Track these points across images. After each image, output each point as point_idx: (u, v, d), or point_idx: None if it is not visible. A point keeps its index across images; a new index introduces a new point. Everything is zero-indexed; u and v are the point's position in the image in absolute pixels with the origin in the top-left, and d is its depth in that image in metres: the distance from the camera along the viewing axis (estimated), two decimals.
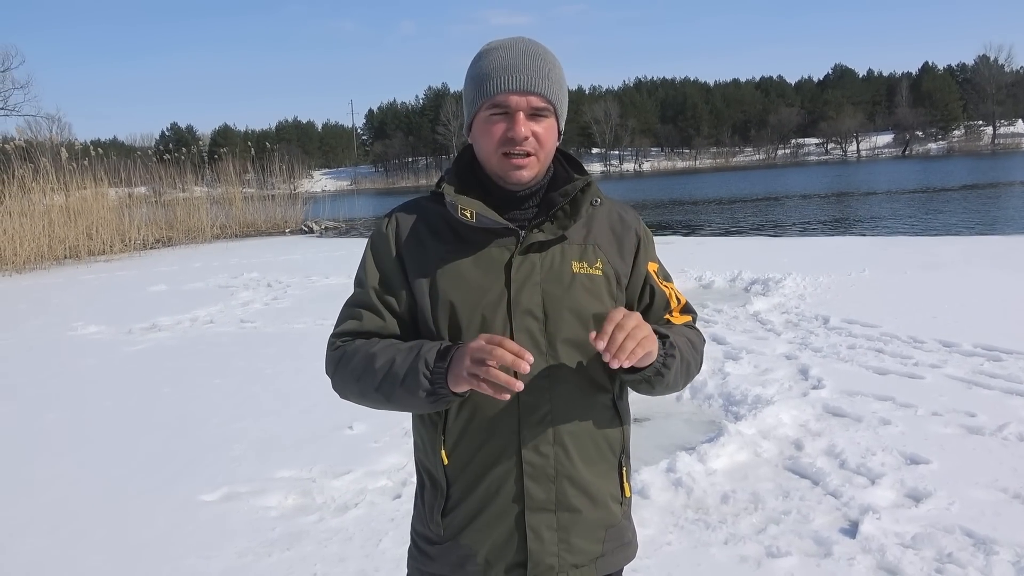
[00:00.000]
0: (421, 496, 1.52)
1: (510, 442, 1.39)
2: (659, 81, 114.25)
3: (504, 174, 1.42)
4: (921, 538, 3.08)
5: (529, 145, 1.39)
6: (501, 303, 1.40)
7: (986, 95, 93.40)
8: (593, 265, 1.46)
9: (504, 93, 1.38)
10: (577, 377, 1.42)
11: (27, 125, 35.48)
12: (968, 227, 16.95)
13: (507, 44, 1.43)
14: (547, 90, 1.40)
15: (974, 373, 5.24)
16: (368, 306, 1.48)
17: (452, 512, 1.44)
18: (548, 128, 1.42)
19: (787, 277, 9.23)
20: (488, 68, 1.40)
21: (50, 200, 18.77)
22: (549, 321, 1.40)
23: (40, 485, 4.26)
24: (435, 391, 1.32)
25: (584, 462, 1.44)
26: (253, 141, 31.07)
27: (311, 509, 3.73)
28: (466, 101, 1.46)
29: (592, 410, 1.45)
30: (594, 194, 1.48)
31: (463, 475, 1.42)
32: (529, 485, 1.40)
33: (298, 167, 31.13)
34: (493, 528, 1.42)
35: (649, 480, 3.71)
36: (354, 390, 1.45)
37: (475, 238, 1.43)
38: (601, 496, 1.47)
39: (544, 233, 1.43)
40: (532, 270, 1.41)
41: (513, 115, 1.39)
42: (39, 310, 10.70)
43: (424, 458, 1.50)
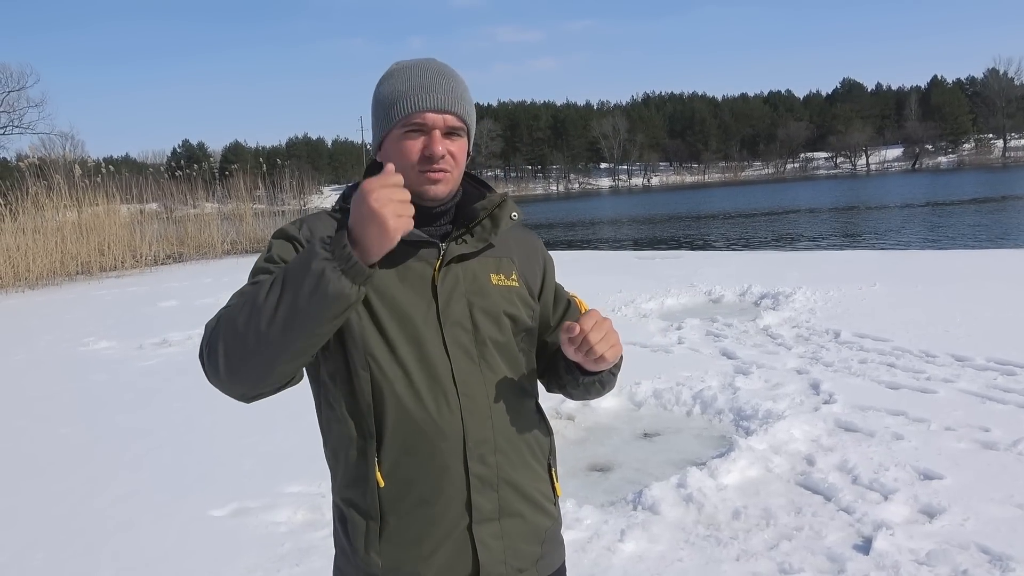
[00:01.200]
0: (345, 534, 1.42)
1: (455, 457, 1.37)
2: (667, 96, 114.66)
3: (421, 189, 1.41)
4: (936, 555, 3.04)
5: (445, 163, 1.40)
6: (430, 315, 1.39)
7: (996, 108, 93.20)
8: (509, 277, 1.49)
9: (421, 111, 1.39)
10: (510, 384, 1.45)
11: (41, 143, 35.99)
12: (979, 241, 16.85)
13: (420, 64, 1.45)
14: (461, 110, 1.42)
15: (987, 387, 5.19)
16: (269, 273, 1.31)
17: (391, 540, 1.37)
18: (461, 147, 1.44)
19: (797, 291, 9.20)
20: (403, 86, 1.41)
21: (63, 217, 18.95)
22: (478, 331, 1.42)
23: (51, 500, 4.27)
24: (340, 261, 1.17)
25: (522, 466, 1.45)
26: (264, 157, 31.31)
27: (321, 524, 3.72)
28: (376, 119, 1.46)
29: (524, 415, 1.47)
30: (512, 208, 1.51)
31: (406, 496, 1.36)
32: (476, 497, 1.39)
33: (308, 183, 31.36)
34: (441, 547, 1.38)
35: (660, 496, 3.68)
36: (238, 348, 1.21)
37: (395, 254, 1.36)
38: (538, 499, 1.49)
39: (467, 245, 1.45)
40: (456, 282, 1.43)
41: (430, 133, 1.40)
42: (51, 326, 10.77)
43: (350, 491, 1.40)
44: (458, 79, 1.45)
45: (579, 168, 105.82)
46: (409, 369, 1.37)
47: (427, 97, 1.39)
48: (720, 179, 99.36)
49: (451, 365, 1.38)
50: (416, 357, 1.37)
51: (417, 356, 1.37)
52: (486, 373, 1.42)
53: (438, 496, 1.37)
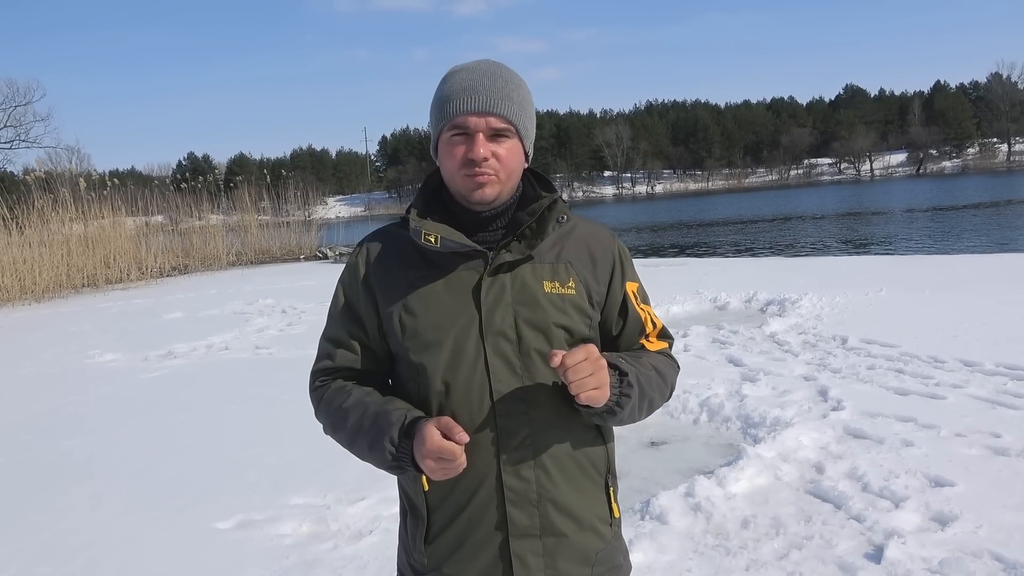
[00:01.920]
0: (404, 524, 1.51)
1: (490, 468, 1.37)
2: (670, 104, 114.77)
3: (467, 194, 1.40)
4: (949, 563, 3.00)
5: (489, 166, 1.38)
6: (472, 326, 1.37)
7: (1000, 112, 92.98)
8: (565, 284, 1.43)
9: (463, 115, 1.37)
10: (555, 398, 1.39)
11: (47, 156, 36.16)
12: (985, 245, 16.78)
13: (470, 66, 1.43)
14: (507, 111, 1.39)
15: (997, 393, 5.14)
16: (341, 341, 1.50)
17: (435, 541, 1.42)
18: (510, 149, 1.40)
19: (803, 297, 9.15)
20: (450, 90, 1.40)
21: (69, 230, 19.01)
22: (522, 342, 1.38)
23: (56, 513, 4.26)
24: (401, 467, 1.36)
25: (568, 484, 1.41)
26: (268, 169, 31.35)
27: (326, 536, 3.69)
28: (431, 123, 1.46)
29: (572, 430, 1.42)
30: (560, 211, 1.45)
31: (445, 503, 1.40)
32: (511, 511, 1.37)
33: (312, 194, 31.40)
34: (477, 556, 1.38)
35: (667, 505, 3.65)
36: (332, 436, 1.51)
37: (444, 262, 1.41)
38: (587, 518, 1.43)
39: (512, 253, 1.41)
40: (503, 291, 1.39)
41: (473, 136, 1.38)
42: (57, 338, 10.79)
43: (406, 484, 1.49)
44: (508, 79, 1.41)
45: (583, 176, 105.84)
46: (448, 380, 1.37)
47: (469, 100, 1.37)
48: (724, 186, 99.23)
49: (489, 377, 1.36)
50: (456, 368, 1.37)
51: (457, 367, 1.37)
52: (528, 386, 1.38)
53: (473, 507, 1.38)
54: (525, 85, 1.45)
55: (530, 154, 1.47)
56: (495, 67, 1.43)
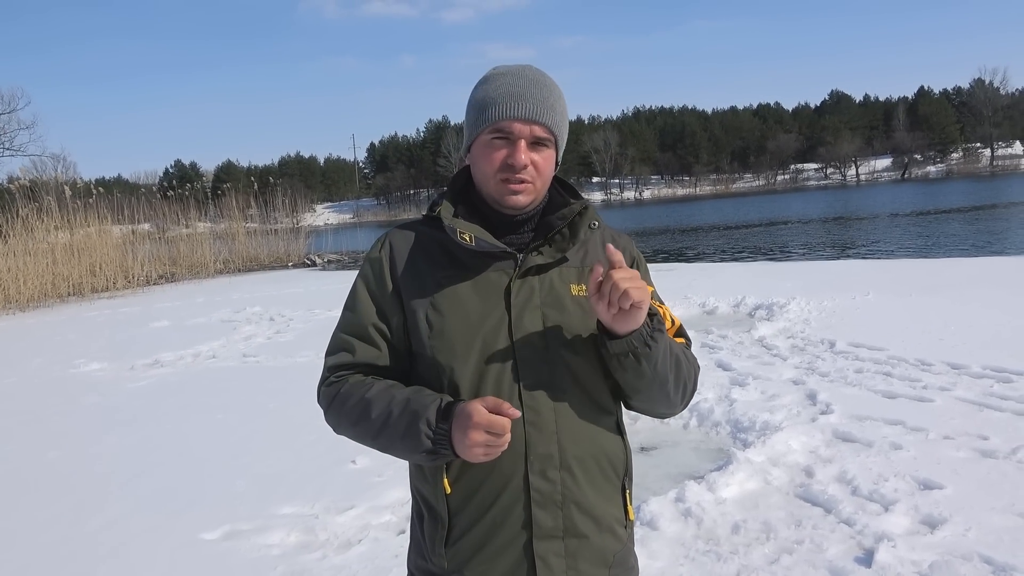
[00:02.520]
0: (420, 528, 1.48)
1: (516, 469, 1.37)
2: (657, 110, 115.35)
3: (501, 199, 1.42)
4: (939, 566, 3.00)
5: (527, 174, 1.39)
6: (502, 328, 1.38)
7: (983, 117, 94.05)
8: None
9: (508, 120, 1.38)
10: (581, 399, 1.41)
11: (32, 165, 35.89)
12: (970, 249, 16.92)
13: (516, 71, 1.44)
14: (550, 121, 1.41)
15: (984, 395, 5.17)
16: (361, 335, 1.45)
17: (456, 543, 1.40)
18: (547, 158, 1.42)
19: (791, 301, 9.19)
20: (495, 92, 1.40)
21: (54, 238, 18.87)
22: (550, 344, 1.39)
23: (40, 524, 4.20)
24: (437, 451, 1.32)
25: (590, 486, 1.41)
26: (256, 176, 31.23)
27: (314, 546, 3.66)
28: (468, 122, 1.46)
29: (597, 432, 1.43)
30: (592, 217, 1.48)
31: (468, 505, 1.38)
32: (537, 512, 1.37)
33: (301, 201, 31.37)
34: (500, 558, 1.38)
35: (658, 511, 3.64)
36: (350, 433, 1.45)
37: (472, 262, 1.42)
38: (607, 520, 1.44)
39: (543, 256, 1.43)
40: (532, 294, 1.41)
41: (515, 142, 1.39)
42: (42, 348, 10.68)
43: (423, 487, 1.46)
44: (552, 90, 1.43)
45: (571, 182, 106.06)
46: (477, 381, 1.37)
47: (516, 105, 1.38)
48: (711, 191, 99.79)
49: (518, 380, 1.37)
50: (485, 369, 1.37)
51: (486, 368, 1.37)
52: (556, 388, 1.39)
53: (498, 508, 1.37)
54: (564, 97, 1.47)
55: (559, 163, 1.49)
56: (541, 75, 1.44)
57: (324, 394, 1.48)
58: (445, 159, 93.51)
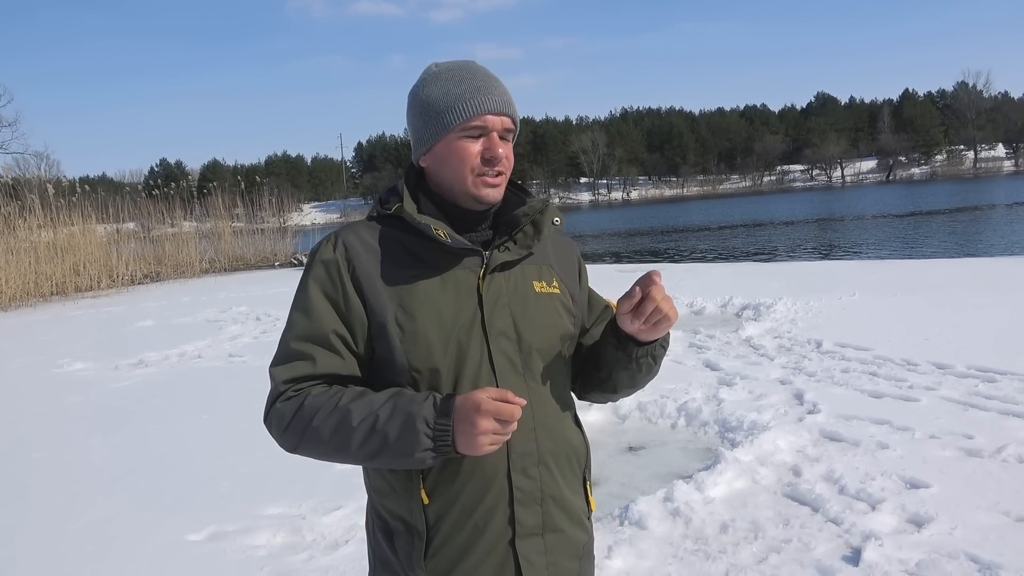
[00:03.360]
0: (390, 547, 1.39)
1: (499, 468, 1.35)
2: (645, 111, 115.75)
3: (479, 194, 1.40)
4: (925, 564, 3.02)
5: (503, 165, 1.40)
6: (475, 326, 1.36)
7: (966, 120, 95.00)
8: (551, 284, 1.47)
9: (481, 114, 1.37)
10: (551, 394, 1.43)
11: (15, 163, 35.52)
12: (954, 250, 17.08)
13: (466, 67, 1.43)
14: (515, 113, 1.43)
15: (969, 395, 5.21)
16: (322, 343, 1.36)
17: (436, 555, 1.35)
18: (511, 150, 1.44)
19: (778, 302, 9.23)
20: (457, 90, 1.39)
21: (37, 237, 18.65)
22: (522, 341, 1.40)
23: (23, 526, 4.14)
24: (438, 449, 1.26)
25: (563, 480, 1.43)
26: (242, 175, 30.99)
27: (301, 547, 3.63)
28: (425, 123, 1.41)
29: (565, 427, 1.45)
30: (554, 214, 1.48)
31: (449, 512, 1.34)
32: (519, 511, 1.36)
33: (287, 201, 31.19)
34: (484, 562, 1.36)
35: (646, 510, 3.64)
36: (319, 448, 1.32)
37: (438, 260, 1.38)
38: (577, 513, 1.46)
39: (510, 252, 1.42)
40: (500, 291, 1.40)
41: (489, 135, 1.38)
42: (24, 347, 10.55)
43: (393, 504, 1.39)
44: (501, 80, 1.44)
45: (559, 183, 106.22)
46: (454, 381, 1.35)
47: (486, 99, 1.38)
48: (698, 192, 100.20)
49: (495, 377, 1.36)
50: (461, 369, 1.35)
51: (462, 368, 1.35)
52: (531, 384, 1.39)
53: (482, 510, 1.35)
54: None
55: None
56: (487, 69, 1.45)
57: (279, 411, 1.34)
58: None
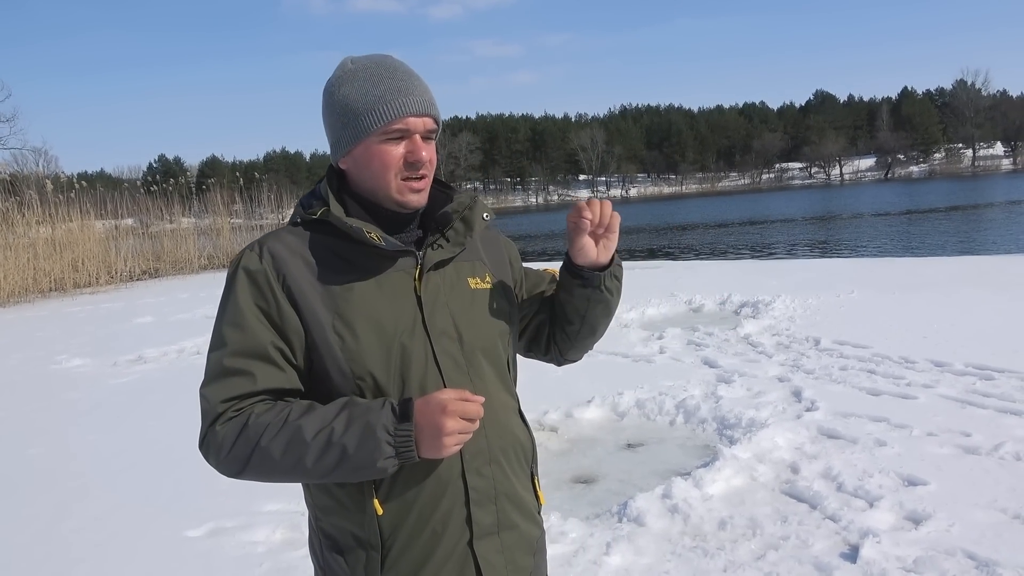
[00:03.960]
0: (342, 564, 1.33)
1: (453, 470, 1.33)
2: (644, 108, 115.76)
3: (403, 198, 1.36)
4: (923, 561, 3.03)
5: (426, 168, 1.37)
6: (416, 328, 1.34)
7: (965, 118, 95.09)
8: (484, 279, 1.47)
9: (402, 116, 1.33)
10: (496, 391, 1.42)
11: (13, 158, 35.43)
12: (952, 248, 17.10)
13: (384, 64, 1.38)
14: (436, 112, 1.40)
15: (967, 392, 5.22)
16: (260, 356, 1.29)
17: (395, 566, 1.31)
18: (434, 150, 1.41)
19: (776, 299, 9.24)
20: (377, 91, 1.33)
21: (35, 233, 18.62)
22: (463, 339, 1.38)
23: (21, 522, 4.14)
24: (400, 456, 1.22)
25: (514, 476, 1.42)
26: (241, 172, 30.96)
27: (299, 543, 3.63)
28: (344, 125, 1.36)
29: (511, 422, 1.44)
30: (484, 208, 1.47)
31: (404, 520, 1.31)
32: (475, 511, 1.35)
33: (286, 197, 31.09)
34: (444, 567, 1.33)
35: (644, 507, 3.64)
36: (270, 469, 1.25)
37: (371, 264, 1.35)
38: (529, 508, 1.46)
39: (444, 251, 1.41)
40: (438, 290, 1.39)
41: (411, 138, 1.35)
42: (23, 343, 10.55)
43: (343, 521, 1.33)
44: (422, 77, 1.40)
45: (558, 180, 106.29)
46: (401, 385, 1.31)
47: (407, 101, 1.34)
48: (697, 190, 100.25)
49: (442, 377, 1.33)
50: (406, 372, 1.32)
51: (407, 371, 1.32)
52: (476, 382, 1.37)
53: (439, 514, 1.32)
54: None
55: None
56: (405, 65, 1.40)
57: (218, 434, 1.27)
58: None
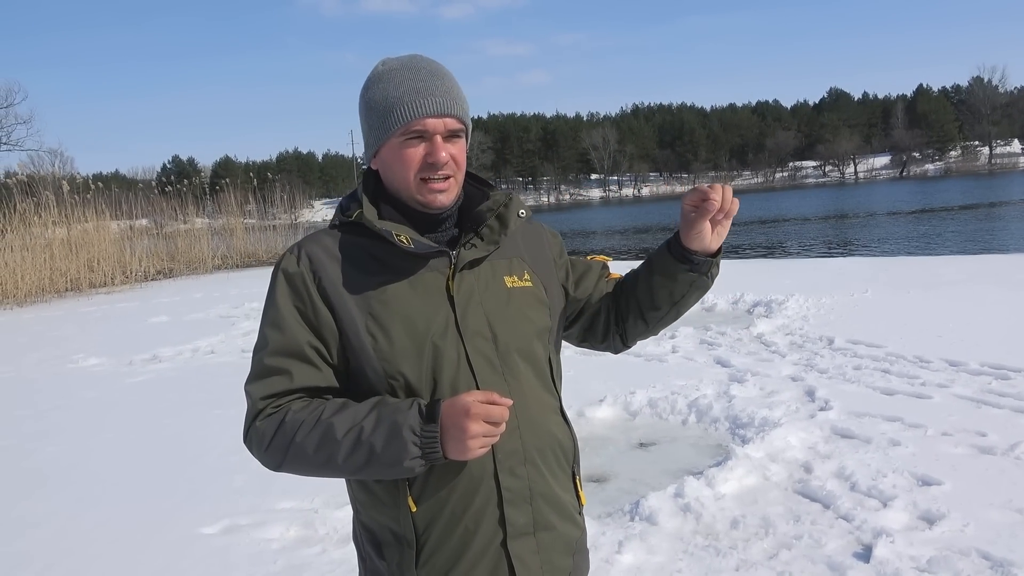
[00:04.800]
0: (379, 558, 1.38)
1: (485, 470, 1.33)
2: (656, 107, 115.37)
3: (425, 200, 1.37)
4: (937, 561, 3.01)
5: (448, 169, 1.36)
6: (449, 328, 1.34)
7: (981, 115, 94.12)
8: (522, 278, 1.45)
9: (421, 117, 1.33)
10: (533, 390, 1.40)
11: (30, 160, 35.83)
12: (968, 247, 16.94)
13: (409, 64, 1.38)
14: (460, 111, 1.38)
15: (982, 392, 5.18)
16: (299, 356, 1.34)
17: (428, 562, 1.34)
18: (462, 149, 1.40)
19: (790, 299, 9.20)
20: (397, 92, 1.35)
21: (52, 233, 18.82)
22: (498, 339, 1.37)
23: (39, 519, 4.20)
24: (427, 457, 1.24)
25: (552, 477, 1.41)
26: (254, 172, 31.15)
27: (313, 541, 3.66)
28: (371, 126, 1.39)
29: (549, 422, 1.43)
30: (519, 206, 1.46)
31: (438, 518, 1.33)
32: (509, 511, 1.35)
33: (299, 197, 31.23)
34: (477, 565, 1.34)
35: (657, 506, 3.65)
36: (302, 463, 1.30)
37: (405, 265, 1.36)
38: (568, 509, 1.45)
39: (477, 250, 1.40)
40: (471, 290, 1.38)
41: (431, 139, 1.35)
42: (40, 343, 10.66)
43: (380, 516, 1.37)
44: (451, 78, 1.40)
45: (570, 179, 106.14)
46: (433, 386, 1.32)
47: (426, 102, 1.34)
48: None
49: (475, 378, 1.33)
50: (438, 373, 1.32)
51: (439, 372, 1.32)
52: (511, 382, 1.37)
53: (471, 513, 1.33)
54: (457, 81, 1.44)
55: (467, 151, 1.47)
56: (435, 64, 1.39)
57: (259, 429, 1.32)
58: None
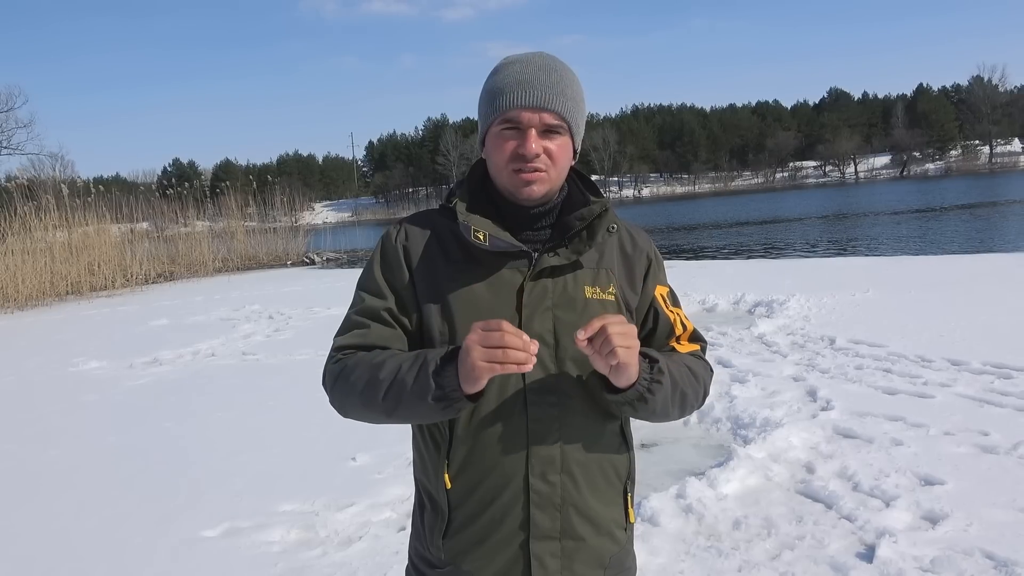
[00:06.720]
0: (421, 517, 1.48)
1: (517, 470, 1.36)
2: (656, 108, 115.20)
3: (515, 190, 1.39)
4: (940, 561, 3.00)
5: (540, 162, 1.36)
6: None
7: (981, 115, 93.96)
8: (606, 290, 1.43)
9: (516, 109, 1.35)
10: (587, 404, 1.39)
11: (30, 163, 35.88)
12: (969, 246, 16.93)
13: (524, 59, 1.41)
14: (561, 107, 1.37)
15: (985, 391, 5.17)
16: (375, 316, 1.42)
17: (454, 536, 1.40)
18: (561, 146, 1.39)
19: (791, 298, 9.19)
20: (502, 82, 1.38)
21: (52, 237, 18.83)
22: (560, 347, 1.37)
23: (40, 522, 4.19)
24: (446, 395, 1.26)
25: (591, 491, 1.41)
26: (254, 175, 31.20)
27: (314, 543, 3.65)
28: (480, 114, 1.44)
29: (601, 438, 1.42)
30: (611, 220, 1.44)
31: (467, 501, 1.38)
32: (535, 514, 1.37)
33: (299, 199, 31.29)
34: (497, 554, 1.38)
35: (659, 507, 3.63)
36: (356, 403, 1.38)
37: (487, 258, 1.39)
38: (605, 524, 1.43)
39: (559, 257, 1.40)
40: (544, 295, 1.38)
41: (525, 131, 1.36)
42: (40, 346, 10.66)
43: (425, 479, 1.46)
44: (563, 74, 1.39)
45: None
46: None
47: (523, 94, 1.35)
48: (710, 189, 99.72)
49: (524, 381, 1.35)
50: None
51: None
52: (563, 392, 1.37)
53: (497, 507, 1.37)
54: (578, 81, 1.43)
55: (578, 151, 1.46)
56: (550, 60, 1.41)
57: (330, 372, 1.42)
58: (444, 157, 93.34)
